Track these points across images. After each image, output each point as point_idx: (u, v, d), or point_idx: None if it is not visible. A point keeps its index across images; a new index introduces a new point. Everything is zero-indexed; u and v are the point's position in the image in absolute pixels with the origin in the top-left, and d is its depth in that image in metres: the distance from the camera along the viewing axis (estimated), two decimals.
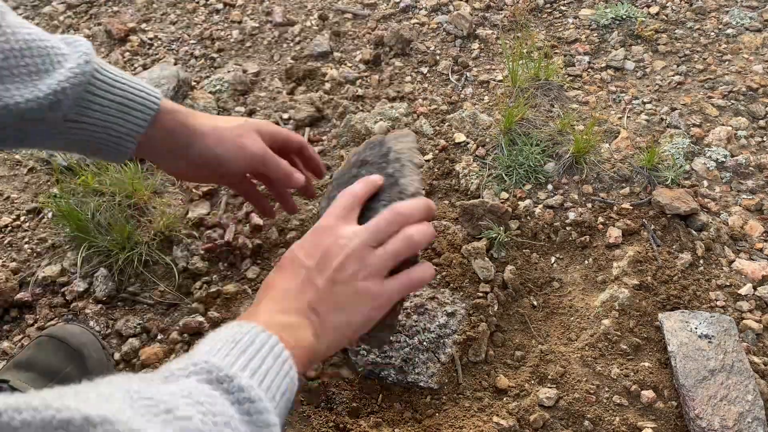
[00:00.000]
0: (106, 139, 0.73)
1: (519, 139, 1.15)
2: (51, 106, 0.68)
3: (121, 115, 0.72)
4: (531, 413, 0.84)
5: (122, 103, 0.72)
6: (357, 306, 0.65)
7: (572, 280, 1.00)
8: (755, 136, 1.18)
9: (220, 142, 0.77)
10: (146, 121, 0.73)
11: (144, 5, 1.55)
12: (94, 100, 0.71)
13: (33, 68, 0.67)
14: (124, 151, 0.74)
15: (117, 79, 0.72)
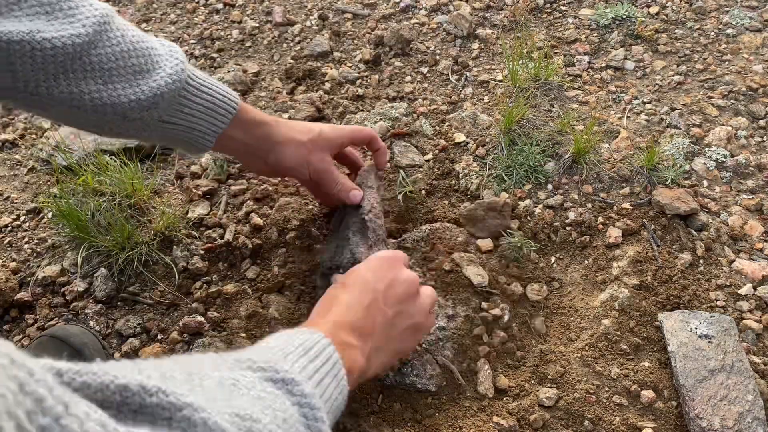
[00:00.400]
0: (190, 136, 0.83)
1: (519, 139, 1.15)
2: (149, 107, 0.76)
3: (206, 117, 0.82)
4: (531, 413, 0.84)
5: (208, 107, 0.82)
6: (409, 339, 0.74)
7: (572, 280, 1.00)
8: (755, 136, 1.18)
9: (293, 154, 0.89)
10: (225, 123, 0.84)
11: (144, 5, 1.55)
12: (185, 104, 0.80)
13: (137, 68, 0.75)
14: (203, 147, 0.85)
15: (205, 84, 0.82)
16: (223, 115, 0.84)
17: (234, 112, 0.85)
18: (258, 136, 0.88)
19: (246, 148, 0.89)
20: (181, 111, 0.80)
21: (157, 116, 0.78)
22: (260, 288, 0.98)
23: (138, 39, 0.77)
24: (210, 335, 0.91)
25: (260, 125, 0.88)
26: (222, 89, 0.84)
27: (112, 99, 0.73)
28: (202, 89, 0.82)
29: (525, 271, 1.00)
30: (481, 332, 0.91)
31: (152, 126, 0.79)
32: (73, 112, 0.73)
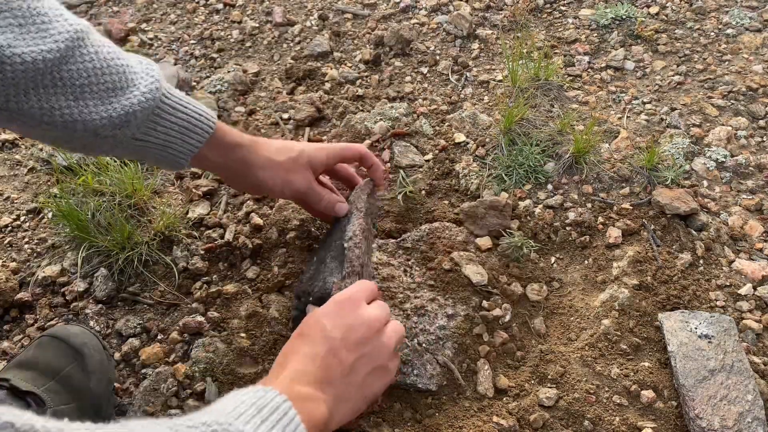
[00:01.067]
0: (163, 155, 0.82)
1: (519, 139, 1.15)
2: (121, 125, 0.75)
3: (181, 136, 0.81)
4: (531, 413, 0.84)
5: (183, 126, 0.81)
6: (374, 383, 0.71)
7: (572, 280, 1.00)
8: (755, 136, 1.18)
9: (271, 177, 0.88)
10: (201, 143, 0.83)
11: (144, 5, 1.55)
12: (159, 122, 0.79)
13: (111, 85, 0.74)
14: (178, 165, 0.84)
15: (180, 103, 0.81)
16: (198, 134, 0.83)
17: (210, 131, 0.84)
18: (234, 159, 0.87)
19: (223, 169, 0.88)
20: (155, 129, 0.79)
21: (129, 134, 0.77)
22: (260, 288, 0.98)
23: (113, 56, 0.75)
24: (210, 335, 0.91)
25: (236, 148, 0.87)
26: (198, 109, 0.83)
27: (83, 116, 0.72)
28: (178, 108, 0.81)
29: (525, 271, 1.00)
30: (481, 331, 0.91)
31: (125, 143, 0.78)
32: (43, 128, 0.71)
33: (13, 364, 0.82)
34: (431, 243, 0.99)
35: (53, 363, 0.81)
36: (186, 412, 0.84)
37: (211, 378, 0.86)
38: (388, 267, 0.97)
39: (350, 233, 0.87)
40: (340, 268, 0.85)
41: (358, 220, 0.90)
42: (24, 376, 0.78)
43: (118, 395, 0.89)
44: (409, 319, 0.91)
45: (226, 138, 0.86)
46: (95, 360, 0.83)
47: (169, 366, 0.89)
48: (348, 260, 0.85)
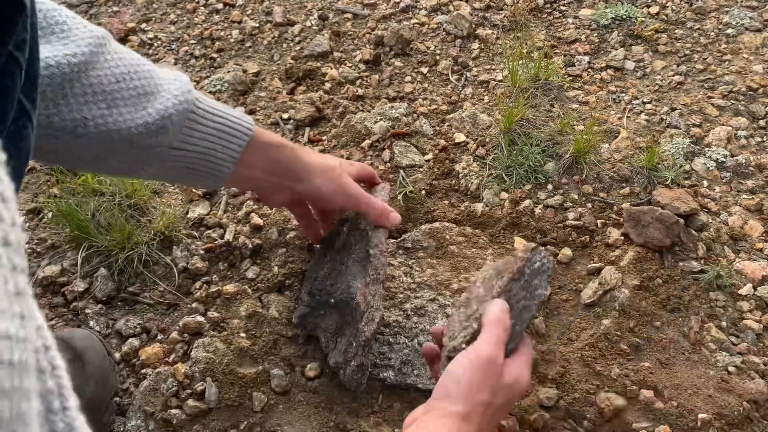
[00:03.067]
0: (205, 165, 0.78)
1: (519, 139, 1.15)
2: (158, 132, 0.72)
3: (220, 141, 0.77)
4: (531, 413, 0.84)
5: (221, 130, 0.77)
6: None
7: (572, 280, 1.00)
8: (755, 136, 1.18)
9: (328, 181, 0.85)
10: (241, 146, 0.79)
11: (144, 5, 1.55)
12: (196, 128, 0.75)
13: (141, 90, 0.71)
14: (220, 175, 0.80)
15: (215, 108, 0.77)
16: (238, 137, 0.78)
17: (250, 133, 0.79)
18: (281, 160, 0.82)
19: (269, 176, 0.83)
20: (192, 136, 0.75)
21: (167, 142, 0.73)
22: (260, 288, 0.98)
23: (138, 61, 0.73)
24: (210, 335, 0.91)
25: (281, 147, 0.82)
26: (233, 112, 0.79)
27: (118, 124, 0.69)
28: (212, 112, 0.77)
29: None
30: None
31: (162, 155, 0.74)
32: (77, 142, 0.68)
33: None
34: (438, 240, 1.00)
35: None
36: (186, 412, 0.84)
37: (211, 378, 0.86)
38: (387, 267, 0.97)
39: (377, 240, 0.86)
40: (363, 273, 0.84)
41: (382, 231, 0.88)
42: None
43: (119, 395, 0.89)
44: (410, 319, 0.91)
45: (269, 138, 0.82)
46: (95, 366, 0.83)
47: (169, 366, 0.89)
48: (373, 267, 0.84)
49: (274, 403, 0.86)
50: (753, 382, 0.87)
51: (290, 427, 0.84)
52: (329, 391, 0.87)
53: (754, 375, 0.88)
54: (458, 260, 0.99)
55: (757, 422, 0.85)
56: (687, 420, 0.84)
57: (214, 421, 0.84)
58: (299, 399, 0.87)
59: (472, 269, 0.97)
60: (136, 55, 0.74)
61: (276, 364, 0.89)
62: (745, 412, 0.84)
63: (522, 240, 1.03)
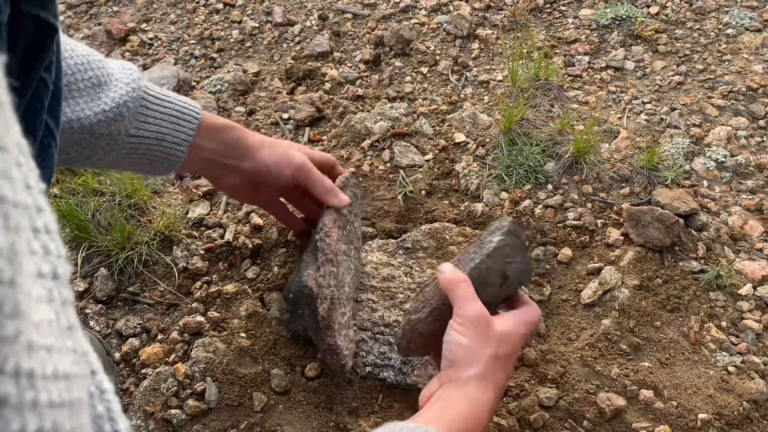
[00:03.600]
0: (160, 150, 0.81)
1: (519, 139, 1.15)
2: (115, 119, 0.75)
3: (172, 126, 0.80)
4: (531, 413, 0.84)
5: (172, 115, 0.80)
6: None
7: (572, 280, 1.00)
8: (755, 136, 1.18)
9: (271, 154, 0.86)
10: (193, 129, 0.82)
11: (144, 5, 1.55)
12: (149, 114, 0.79)
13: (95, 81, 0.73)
14: (175, 160, 0.83)
15: (162, 95, 0.81)
16: (188, 121, 0.82)
17: (198, 116, 0.83)
18: (228, 141, 0.85)
19: (218, 158, 0.86)
20: (147, 123, 0.79)
21: (123, 129, 0.76)
22: (260, 288, 0.98)
23: (88, 52, 0.75)
24: (210, 335, 0.91)
25: (228, 129, 0.85)
26: (181, 98, 0.83)
27: (77, 113, 0.71)
28: (161, 98, 0.80)
29: None
30: None
31: (120, 143, 0.77)
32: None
33: None
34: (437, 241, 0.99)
35: None
36: (186, 412, 0.84)
37: (211, 378, 0.86)
38: (388, 267, 0.97)
39: (321, 225, 0.87)
40: (314, 260, 0.85)
41: (329, 213, 0.88)
42: None
43: (119, 395, 0.89)
44: None
45: (216, 121, 0.85)
46: None
47: (169, 366, 0.89)
48: (320, 251, 0.84)
49: (274, 403, 0.86)
50: (753, 382, 0.87)
51: (290, 427, 0.84)
52: (329, 391, 0.87)
53: (754, 375, 0.89)
54: None
55: (757, 422, 0.85)
56: (687, 420, 0.84)
57: (214, 421, 0.84)
58: (299, 399, 0.87)
59: None
60: (84, 45, 0.76)
61: (276, 364, 0.89)
62: (745, 412, 0.84)
63: None
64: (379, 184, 1.12)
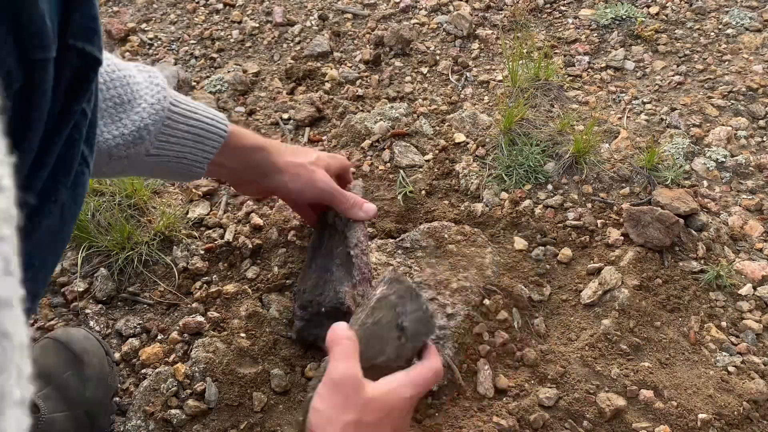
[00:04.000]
0: (180, 166, 0.79)
1: (519, 139, 1.15)
2: (134, 142, 0.71)
3: (195, 144, 0.78)
4: (531, 413, 0.84)
5: (196, 134, 0.78)
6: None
7: (572, 280, 1.00)
8: (755, 136, 1.18)
9: (293, 181, 0.86)
10: (216, 149, 0.80)
11: (144, 5, 1.55)
12: (171, 134, 0.75)
13: (117, 100, 0.70)
14: (194, 174, 0.81)
15: (190, 110, 0.77)
16: (213, 140, 0.79)
17: (224, 135, 0.80)
18: (251, 163, 0.84)
19: (239, 174, 0.85)
20: (168, 142, 0.75)
21: (144, 151, 0.73)
22: (260, 288, 0.98)
23: (113, 68, 0.70)
24: (210, 335, 0.91)
25: (255, 151, 0.84)
26: (209, 113, 0.80)
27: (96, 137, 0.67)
28: (188, 115, 0.77)
29: (526, 270, 1.00)
30: (481, 331, 0.91)
31: (138, 163, 0.74)
32: None
33: None
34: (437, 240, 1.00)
35: (51, 369, 0.80)
36: (186, 412, 0.84)
37: (211, 378, 0.86)
38: (387, 267, 0.97)
39: (355, 240, 0.86)
40: (348, 276, 0.84)
41: (359, 225, 0.89)
42: None
43: (119, 396, 0.89)
44: None
45: (241, 142, 0.83)
46: (94, 368, 0.83)
47: (169, 366, 0.89)
48: (357, 268, 0.84)
49: (274, 403, 0.86)
50: (753, 382, 0.87)
51: (290, 427, 0.84)
52: None
53: (754, 375, 0.89)
54: (457, 259, 0.99)
55: (757, 422, 0.85)
56: (687, 420, 0.84)
57: (214, 421, 0.84)
58: (299, 399, 0.87)
59: (471, 268, 0.97)
60: (110, 57, 0.72)
61: (276, 364, 0.89)
62: (745, 412, 0.84)
63: (522, 240, 1.03)
64: (379, 184, 1.12)
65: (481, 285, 0.95)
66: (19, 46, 0.40)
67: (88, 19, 0.47)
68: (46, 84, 0.43)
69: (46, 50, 0.42)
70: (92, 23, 0.47)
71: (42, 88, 0.43)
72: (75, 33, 0.46)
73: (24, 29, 0.40)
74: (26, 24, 0.40)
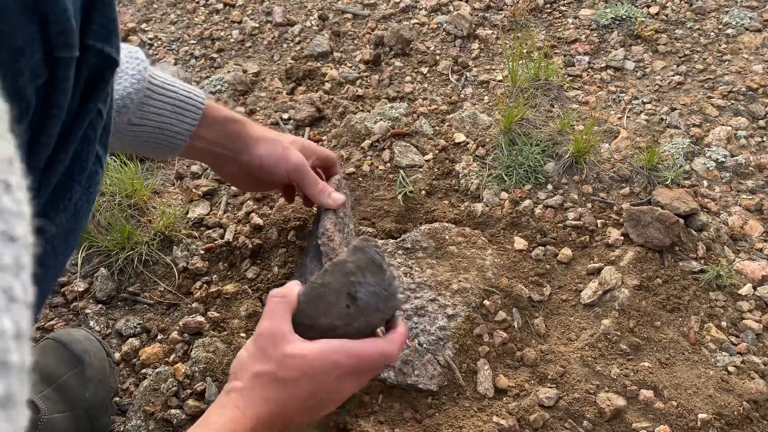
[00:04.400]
0: (162, 138, 0.82)
1: (519, 139, 1.15)
2: (119, 111, 0.75)
3: (175, 116, 0.81)
4: (531, 413, 0.84)
5: (176, 105, 0.81)
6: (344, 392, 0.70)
7: (572, 280, 1.00)
8: (755, 136, 1.18)
9: (268, 151, 0.87)
10: (196, 120, 0.83)
11: (144, 5, 1.55)
12: (152, 104, 0.79)
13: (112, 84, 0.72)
14: (176, 147, 0.83)
15: (168, 83, 0.81)
16: (192, 111, 0.83)
17: (202, 107, 0.83)
18: (229, 134, 0.86)
19: (217, 149, 0.87)
20: (150, 112, 0.79)
21: (127, 120, 0.77)
22: (260, 288, 0.98)
23: None
24: (210, 335, 0.91)
25: (230, 122, 0.86)
26: (186, 87, 0.83)
27: None
28: (167, 87, 0.81)
29: (526, 270, 1.00)
30: (481, 332, 0.91)
31: (123, 131, 0.78)
32: None
33: None
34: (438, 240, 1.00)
35: (52, 369, 0.80)
36: (186, 412, 0.84)
37: (211, 378, 0.86)
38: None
39: (321, 230, 0.87)
40: (319, 266, 0.85)
41: (328, 216, 0.89)
42: None
43: (119, 396, 0.89)
44: (410, 319, 0.91)
45: (219, 113, 0.86)
46: (94, 368, 0.83)
47: (169, 366, 0.89)
48: (325, 255, 0.85)
49: None
50: (753, 382, 0.87)
51: None
52: None
53: (754, 375, 0.89)
54: (458, 260, 0.99)
55: (757, 422, 0.85)
56: (687, 420, 0.84)
57: None
58: None
59: (471, 269, 0.97)
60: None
61: None
62: (745, 412, 0.84)
63: (522, 240, 1.03)
64: (379, 184, 1.12)
65: (481, 287, 0.95)
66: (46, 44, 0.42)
67: (108, 21, 0.49)
68: (68, 82, 0.45)
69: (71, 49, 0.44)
70: (111, 25, 0.50)
71: (63, 85, 0.45)
72: (95, 34, 0.48)
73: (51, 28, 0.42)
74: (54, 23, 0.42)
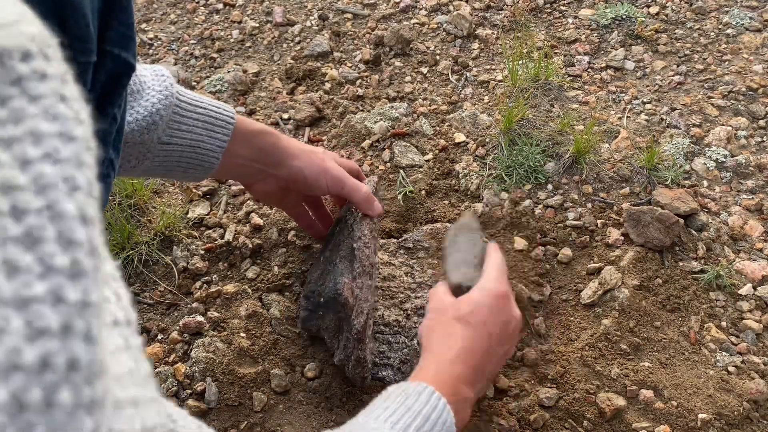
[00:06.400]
0: (194, 157, 0.80)
1: (519, 139, 1.15)
2: (148, 128, 0.74)
3: (206, 132, 0.80)
4: (531, 413, 0.84)
5: (206, 122, 0.79)
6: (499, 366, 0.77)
7: (572, 280, 1.00)
8: (755, 136, 1.18)
9: (308, 164, 0.85)
10: (227, 135, 0.81)
11: (144, 5, 1.55)
12: (182, 121, 0.78)
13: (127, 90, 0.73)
14: (209, 166, 0.82)
15: (196, 99, 0.80)
16: (223, 126, 0.81)
17: (232, 122, 0.82)
18: (264, 147, 0.84)
19: (253, 164, 0.85)
20: (179, 129, 0.78)
21: (157, 138, 0.76)
22: (260, 288, 0.98)
23: None
24: (210, 335, 0.91)
25: (264, 135, 0.84)
26: (214, 103, 0.81)
27: None
28: (195, 104, 0.79)
29: (526, 270, 1.00)
30: None
31: (153, 150, 0.77)
32: None
33: None
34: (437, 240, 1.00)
35: None
36: (186, 412, 0.84)
37: (211, 378, 0.86)
38: (388, 267, 0.97)
39: (359, 233, 0.86)
40: (350, 268, 0.84)
41: (367, 220, 0.88)
42: None
43: None
44: (410, 319, 0.91)
45: (251, 126, 0.84)
46: None
47: (169, 366, 0.89)
48: (358, 260, 0.84)
49: (274, 403, 0.86)
50: (753, 382, 0.87)
51: (290, 427, 0.84)
52: (329, 391, 0.87)
53: (754, 375, 0.89)
54: None
55: (757, 422, 0.85)
56: (687, 420, 0.84)
57: (214, 421, 0.84)
58: (299, 399, 0.87)
59: None
60: None
61: (276, 364, 0.89)
62: (745, 412, 0.84)
63: (522, 240, 1.03)
64: (379, 184, 1.12)
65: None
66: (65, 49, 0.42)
67: (125, 27, 0.49)
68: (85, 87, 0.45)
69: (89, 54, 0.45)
70: (128, 31, 0.50)
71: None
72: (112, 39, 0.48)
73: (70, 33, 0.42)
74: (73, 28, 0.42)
